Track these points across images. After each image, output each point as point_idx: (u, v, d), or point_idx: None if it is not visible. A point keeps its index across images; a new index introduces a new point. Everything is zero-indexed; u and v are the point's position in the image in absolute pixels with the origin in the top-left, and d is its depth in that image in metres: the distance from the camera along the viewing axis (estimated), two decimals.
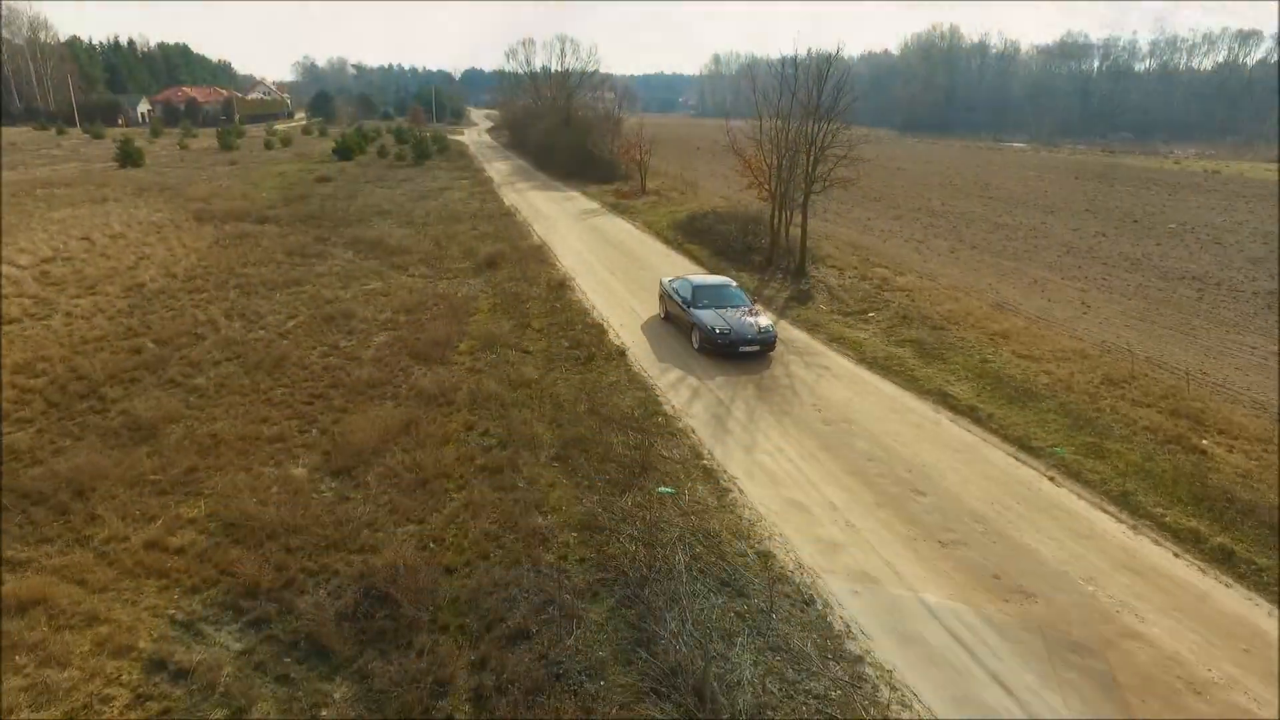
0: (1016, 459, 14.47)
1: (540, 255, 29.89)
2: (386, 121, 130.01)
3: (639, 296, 24.57)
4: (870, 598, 10.33)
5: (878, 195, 50.95)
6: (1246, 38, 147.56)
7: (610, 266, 29.13)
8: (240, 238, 30.38)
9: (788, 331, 21.69)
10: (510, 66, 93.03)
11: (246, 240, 29.93)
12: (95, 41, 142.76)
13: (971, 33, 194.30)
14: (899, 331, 21.36)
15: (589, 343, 19.63)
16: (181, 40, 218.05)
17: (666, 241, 34.47)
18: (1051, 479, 13.74)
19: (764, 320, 19.86)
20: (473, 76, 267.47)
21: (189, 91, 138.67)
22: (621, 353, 19.16)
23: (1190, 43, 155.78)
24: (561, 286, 25.09)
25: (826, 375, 18.45)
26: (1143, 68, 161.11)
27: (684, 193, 47.11)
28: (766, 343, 19.17)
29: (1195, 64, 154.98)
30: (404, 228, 34.11)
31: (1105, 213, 46.10)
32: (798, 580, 10.54)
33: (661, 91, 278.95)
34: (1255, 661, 9.23)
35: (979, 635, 9.66)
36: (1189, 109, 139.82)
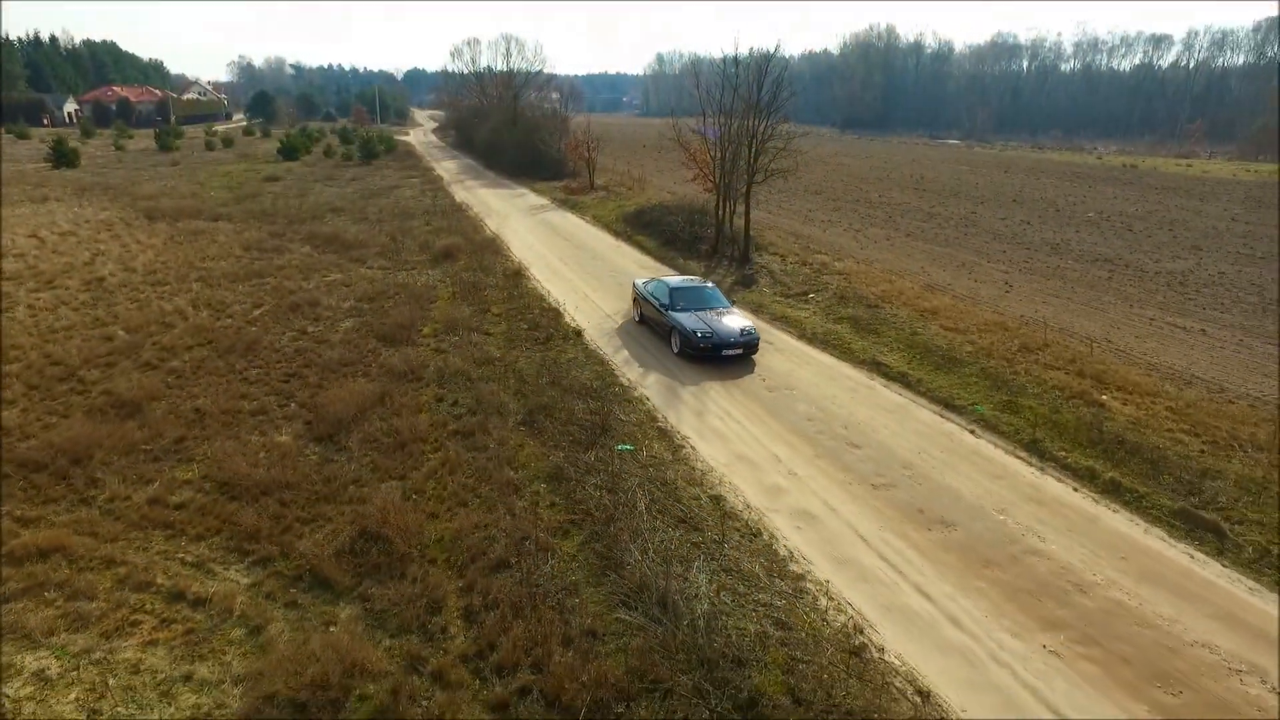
0: (942, 416, 16.03)
1: (494, 247, 30.80)
2: (329, 122, 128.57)
3: (590, 284, 25.72)
4: (810, 531, 11.67)
5: (818, 188, 52.95)
6: (1159, 41, 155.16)
7: (562, 257, 30.20)
8: (195, 234, 30.63)
9: None
10: (455, 66, 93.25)
11: (202, 237, 30.21)
12: (14, 37, 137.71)
13: (908, 33, 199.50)
14: (837, 310, 22.92)
15: (547, 325, 20.71)
16: (109, 38, 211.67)
17: (615, 234, 35.66)
18: (972, 431, 15.33)
19: (745, 321, 19.49)
20: (416, 77, 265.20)
21: (120, 91, 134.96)
22: (578, 333, 20.27)
23: (1110, 45, 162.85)
24: (517, 275, 26.09)
25: (770, 349, 19.83)
26: (1068, 68, 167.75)
27: (631, 188, 48.30)
28: (750, 345, 18.68)
29: (1115, 65, 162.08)
30: (358, 224, 34.65)
31: (1031, 203, 48.74)
32: (746, 518, 11.83)
33: (606, 91, 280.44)
34: (1130, 566, 10.82)
35: (905, 557, 11.07)
36: (1110, 107, 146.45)
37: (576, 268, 28.37)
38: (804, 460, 13.89)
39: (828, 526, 11.81)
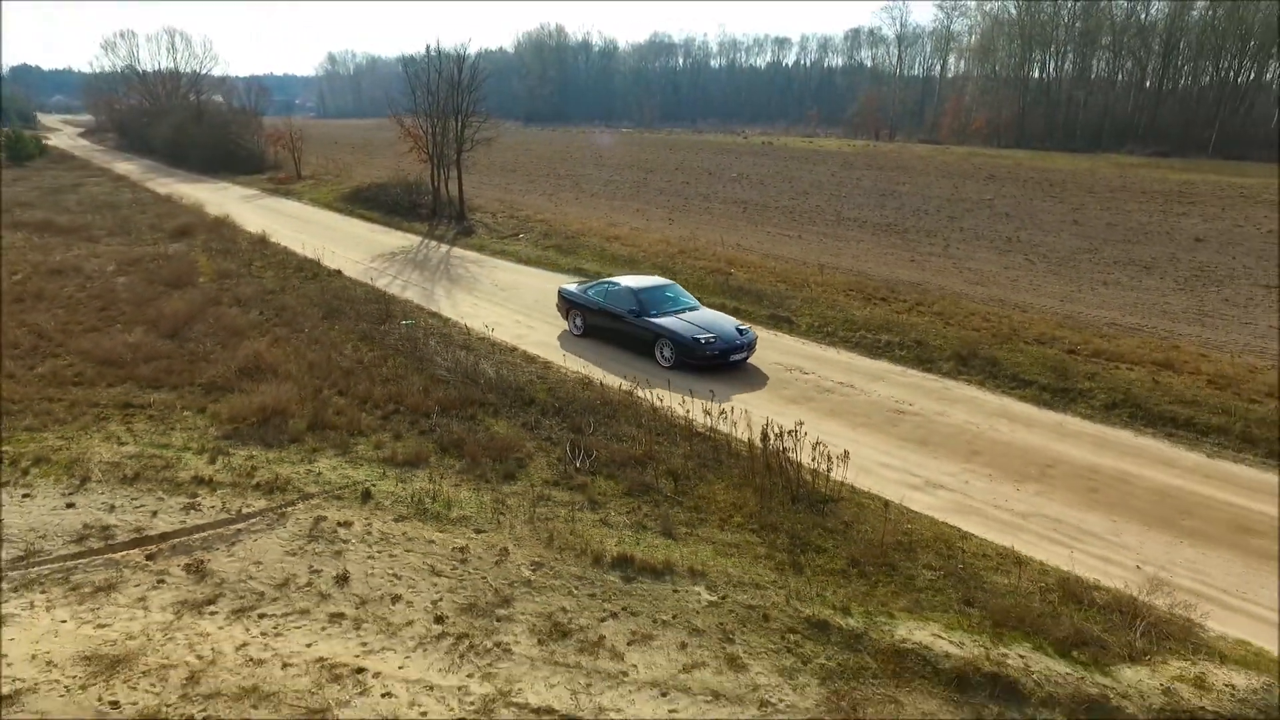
0: None
1: (229, 224, 32.80)
2: None
3: (333, 245, 29.40)
4: (550, 351, 17.59)
5: (512, 168, 59.27)
6: (782, 43, 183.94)
7: (297, 230, 33.11)
8: None
9: (462, 253, 28.43)
10: (110, 63, 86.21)
11: None
12: None
13: (576, 32, 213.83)
14: (543, 243, 29.20)
15: (309, 268, 24.48)
16: None
17: (338, 210, 38.94)
18: None
19: (732, 318, 17.83)
20: (26, 75, 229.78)
21: None
22: (339, 271, 24.34)
23: (746, 44, 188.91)
24: (263, 241, 28.96)
25: (496, 270, 25.54)
26: (716, 64, 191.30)
27: (339, 175, 50.95)
28: (751, 346, 16.90)
29: (753, 62, 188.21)
30: (64, 215, 34.38)
31: (689, 170, 59.11)
32: (505, 345, 17.50)
33: (276, 93, 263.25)
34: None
35: (605, 352, 17.39)
36: (753, 98, 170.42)
37: (314, 236, 31.62)
38: (536, 321, 19.83)
39: (559, 349, 17.82)
